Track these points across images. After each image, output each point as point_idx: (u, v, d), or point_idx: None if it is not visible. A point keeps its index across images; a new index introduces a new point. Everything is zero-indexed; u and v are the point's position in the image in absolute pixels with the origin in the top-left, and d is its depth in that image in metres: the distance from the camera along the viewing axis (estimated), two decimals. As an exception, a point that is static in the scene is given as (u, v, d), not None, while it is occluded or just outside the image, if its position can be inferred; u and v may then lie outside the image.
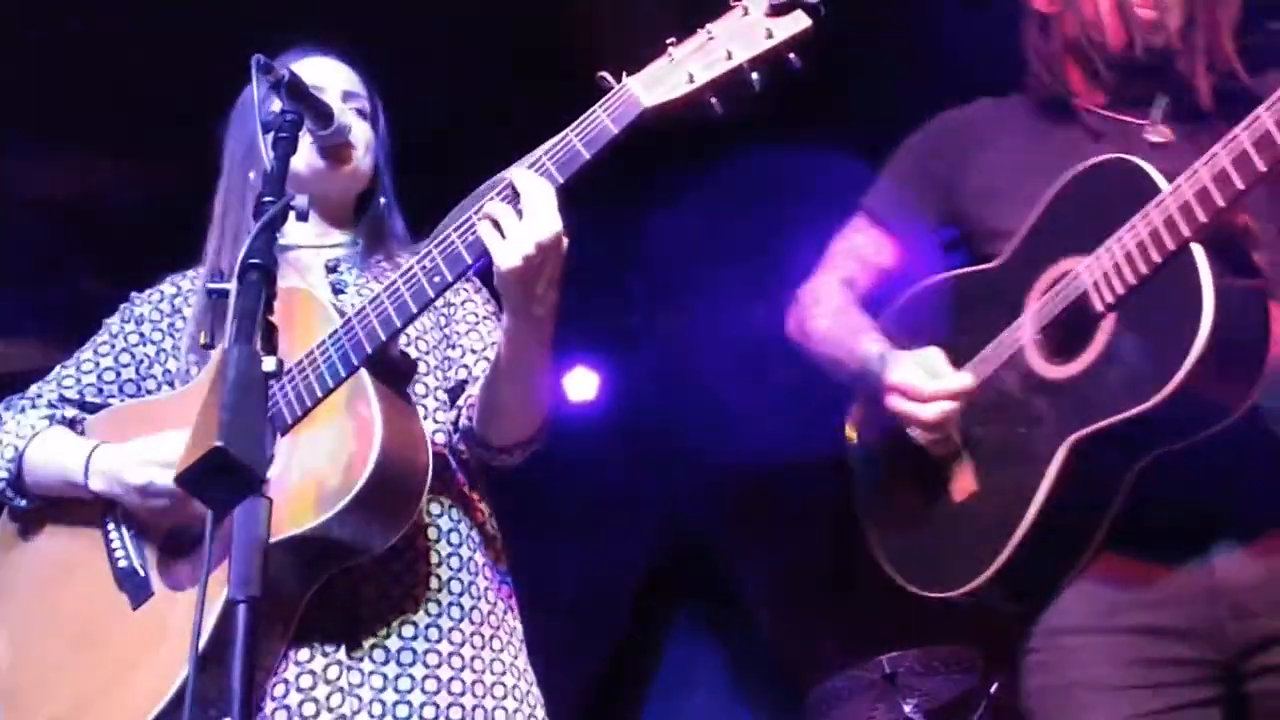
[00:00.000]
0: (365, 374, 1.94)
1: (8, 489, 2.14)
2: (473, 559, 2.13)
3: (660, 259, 4.95)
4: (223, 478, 1.35)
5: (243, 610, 1.41)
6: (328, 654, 1.99)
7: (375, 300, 1.93)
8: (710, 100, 1.82)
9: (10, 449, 2.12)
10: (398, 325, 1.91)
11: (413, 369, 2.11)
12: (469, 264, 1.87)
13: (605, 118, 1.82)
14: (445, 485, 2.13)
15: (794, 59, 1.80)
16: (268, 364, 1.48)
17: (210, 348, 2.10)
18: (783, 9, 1.79)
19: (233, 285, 1.55)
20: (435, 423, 2.16)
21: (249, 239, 1.58)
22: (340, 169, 2.19)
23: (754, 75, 1.80)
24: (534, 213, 1.82)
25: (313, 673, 1.97)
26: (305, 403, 1.94)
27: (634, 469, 5.59)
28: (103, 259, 4.15)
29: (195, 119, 2.28)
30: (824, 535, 2.25)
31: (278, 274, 1.58)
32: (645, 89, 1.82)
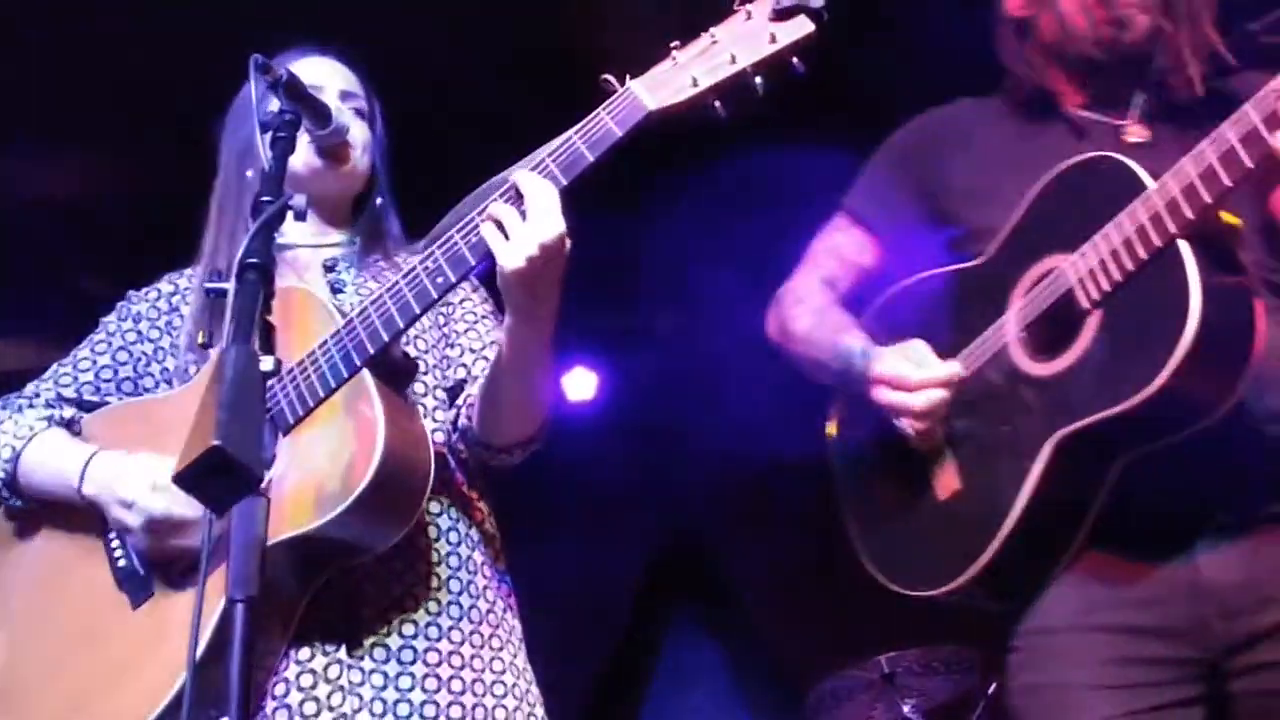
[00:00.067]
0: (367, 374, 1.94)
1: (3, 489, 2.13)
2: (471, 558, 2.13)
3: (659, 259, 4.95)
4: (220, 477, 1.35)
5: (240, 610, 1.42)
6: (328, 653, 1.98)
7: (377, 300, 1.92)
8: (714, 104, 1.82)
9: (7, 449, 2.11)
10: (400, 325, 1.91)
11: (414, 369, 2.10)
12: (472, 265, 1.87)
13: (609, 120, 1.82)
14: (444, 484, 2.13)
15: (797, 63, 1.80)
16: (265, 364, 1.48)
17: (208, 347, 2.10)
18: (786, 13, 1.79)
19: (231, 285, 1.54)
20: (434, 422, 2.16)
21: (247, 238, 1.58)
22: (338, 169, 2.19)
23: (757, 79, 1.80)
24: (537, 214, 1.82)
25: (313, 672, 1.97)
26: (307, 402, 1.93)
27: (633, 469, 5.59)
28: (100, 258, 4.14)
29: (195, 119, 2.28)
30: (823, 535, 2.24)
31: (275, 273, 1.58)
32: (649, 92, 1.82)
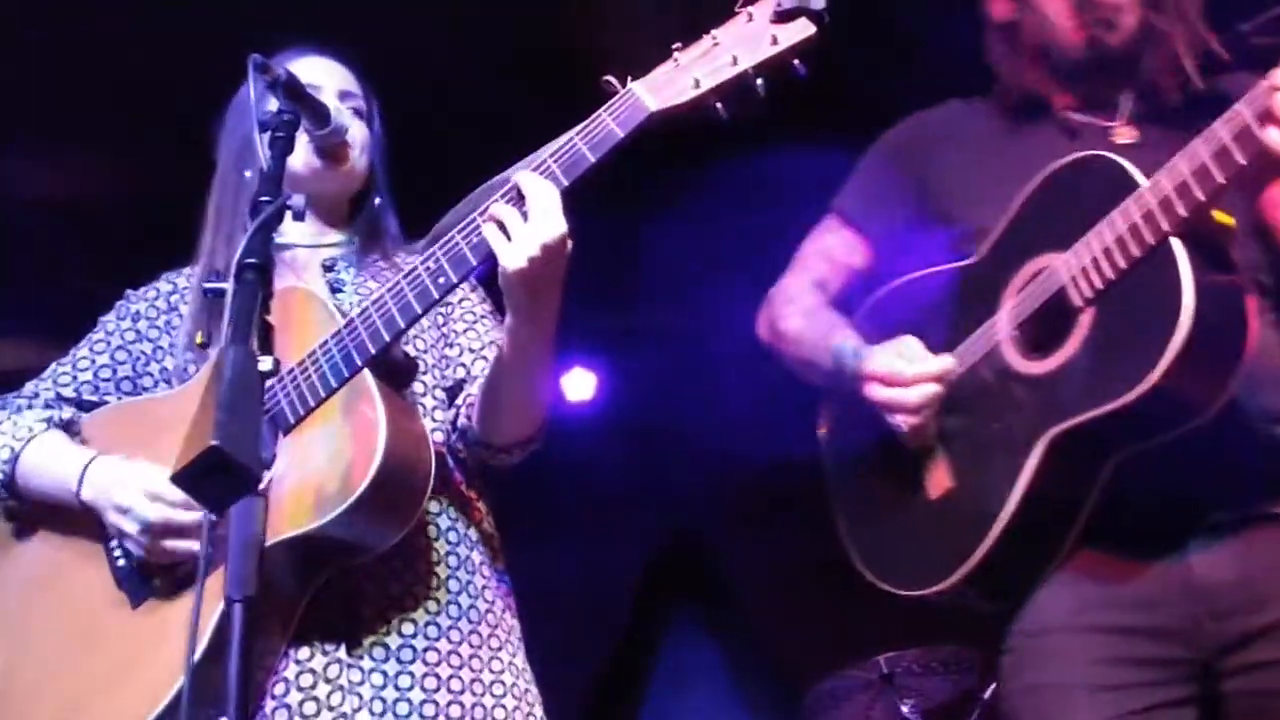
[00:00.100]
0: (368, 373, 1.94)
1: (1, 490, 2.12)
2: (470, 558, 2.13)
3: (658, 259, 4.95)
4: (219, 477, 1.35)
5: (238, 610, 1.42)
6: (328, 652, 1.98)
7: (379, 300, 1.92)
8: (715, 105, 1.82)
9: (6, 450, 2.11)
10: (402, 326, 1.91)
11: (414, 369, 2.11)
12: (474, 265, 1.87)
13: (611, 121, 1.82)
14: (443, 484, 2.12)
15: (799, 65, 1.80)
16: (264, 364, 1.47)
17: (206, 347, 2.10)
18: (787, 15, 1.79)
19: (229, 285, 1.54)
20: (433, 421, 2.16)
21: (245, 238, 1.57)
22: (337, 168, 2.19)
23: (759, 81, 1.80)
24: (539, 215, 1.82)
25: (313, 671, 1.97)
26: (308, 402, 1.93)
27: (632, 469, 5.58)
28: (98, 257, 4.13)
29: (195, 119, 2.28)
30: (822, 535, 2.24)
31: (274, 273, 1.58)
32: (650, 93, 1.82)
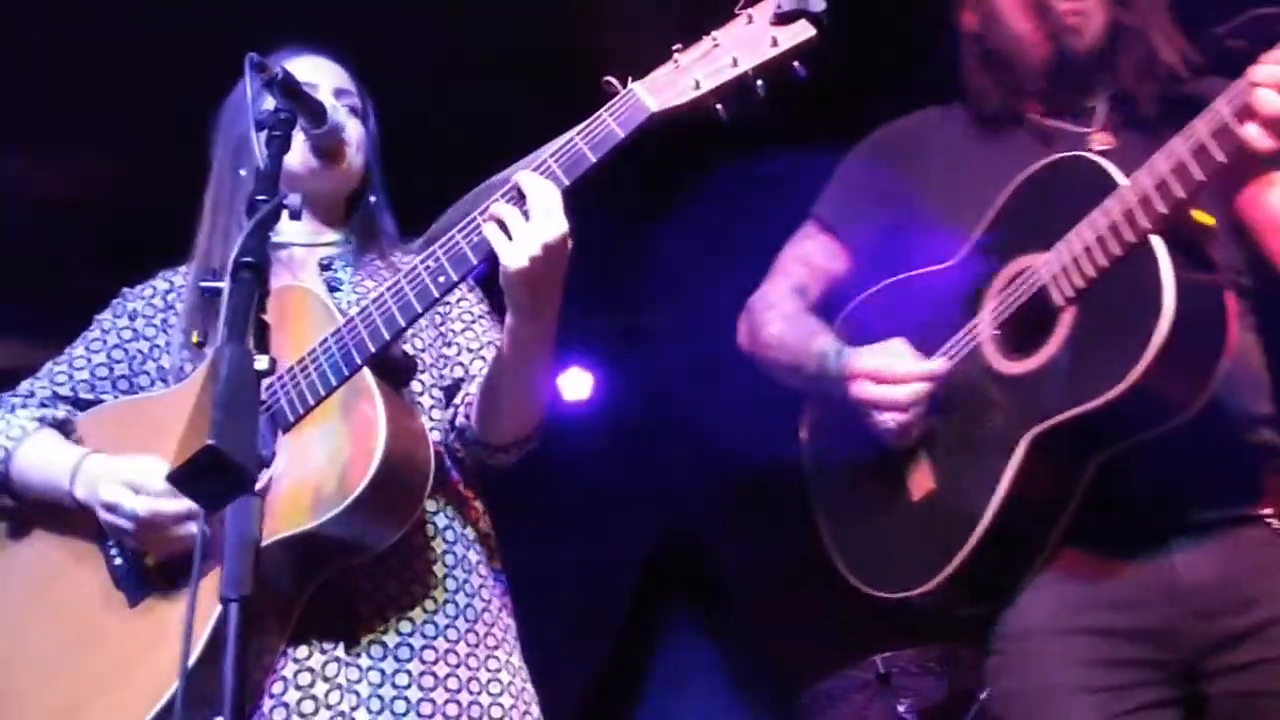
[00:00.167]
0: (368, 372, 1.94)
1: (-4, 489, 2.11)
2: (466, 557, 2.13)
3: (656, 260, 4.95)
4: (215, 477, 1.34)
5: (234, 609, 1.41)
6: (326, 651, 1.98)
7: (378, 299, 1.92)
8: (715, 106, 1.82)
9: (0, 450, 2.10)
10: (402, 324, 1.90)
11: (413, 368, 2.11)
12: (474, 264, 1.87)
13: (612, 122, 1.82)
14: (440, 483, 2.12)
15: (799, 67, 1.80)
16: (260, 363, 1.46)
17: (203, 346, 2.09)
18: (787, 18, 1.78)
19: (225, 284, 1.53)
20: (431, 421, 2.15)
21: (242, 237, 1.57)
22: (334, 167, 2.19)
23: (759, 82, 1.80)
24: (540, 214, 1.82)
25: (311, 670, 1.96)
26: (307, 401, 1.93)
27: (630, 469, 5.58)
28: (98, 257, 4.14)
29: (195, 119, 2.27)
30: (819, 536, 2.24)
31: (271, 272, 1.57)
32: (651, 94, 1.82)
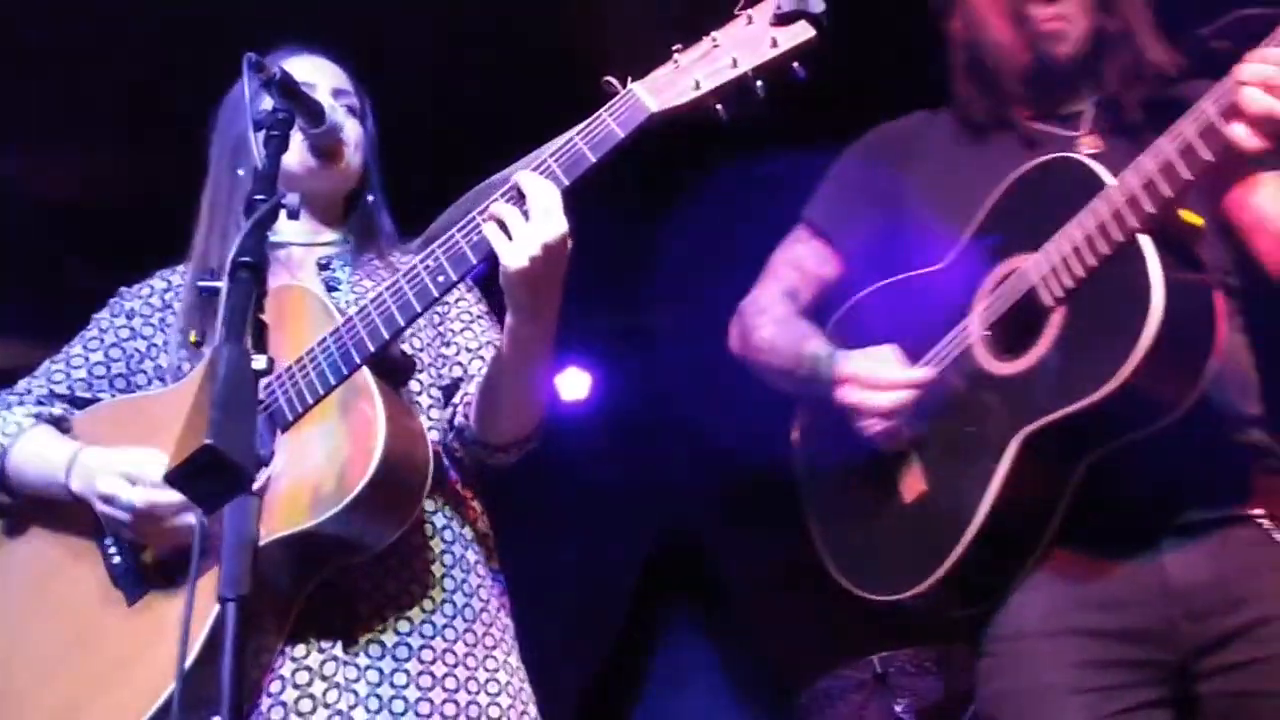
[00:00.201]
0: (367, 371, 1.93)
1: (-6, 486, 2.11)
2: (464, 557, 2.13)
3: (657, 260, 4.95)
4: (212, 476, 1.34)
5: (231, 609, 1.40)
6: (324, 649, 1.98)
7: (378, 298, 1.92)
8: (715, 106, 1.82)
9: (-5, 446, 2.10)
10: (401, 324, 1.90)
11: (412, 367, 2.11)
12: (474, 264, 1.87)
13: (611, 122, 1.82)
14: (438, 483, 2.12)
15: (798, 68, 1.80)
16: (258, 362, 1.46)
17: (200, 346, 2.09)
18: (787, 19, 1.78)
19: (223, 283, 1.53)
20: (429, 420, 2.15)
21: (239, 236, 1.56)
22: (333, 166, 2.19)
23: (759, 83, 1.80)
24: (540, 214, 1.81)
25: (309, 668, 1.96)
26: (306, 400, 1.92)
27: (627, 469, 5.58)
28: (97, 257, 4.13)
29: (194, 119, 2.27)
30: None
31: (269, 272, 1.57)
32: (651, 94, 1.82)
